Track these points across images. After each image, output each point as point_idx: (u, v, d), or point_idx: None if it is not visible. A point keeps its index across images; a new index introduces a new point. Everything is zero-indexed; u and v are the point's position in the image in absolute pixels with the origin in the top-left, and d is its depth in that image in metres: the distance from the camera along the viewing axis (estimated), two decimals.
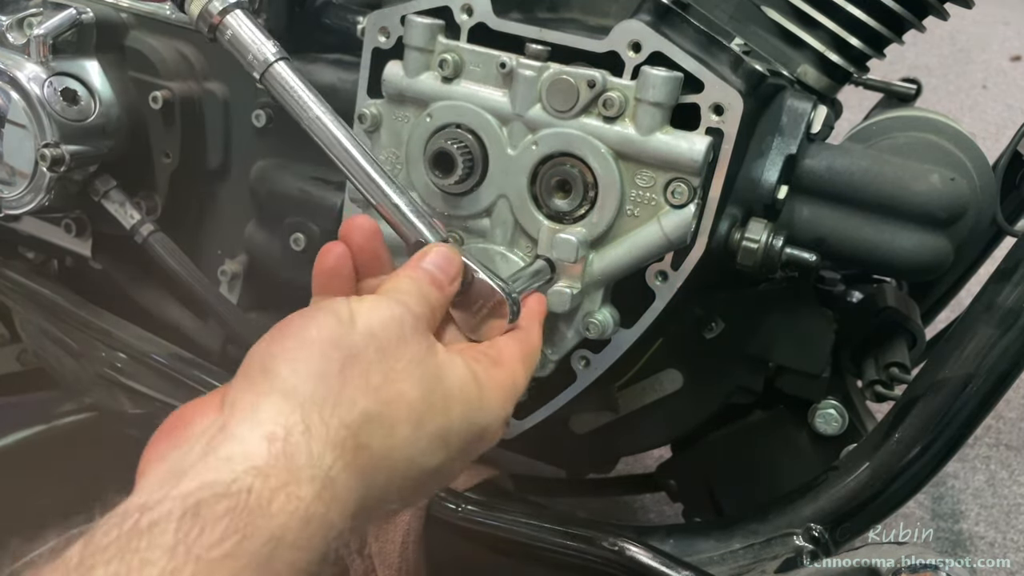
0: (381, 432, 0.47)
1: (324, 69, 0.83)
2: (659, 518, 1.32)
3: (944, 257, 0.73)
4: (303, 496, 0.41)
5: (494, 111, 0.66)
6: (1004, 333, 0.69)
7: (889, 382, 0.84)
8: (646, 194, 0.64)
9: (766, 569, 0.73)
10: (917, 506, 1.42)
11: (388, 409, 0.47)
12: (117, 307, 0.99)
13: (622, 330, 0.69)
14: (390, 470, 0.47)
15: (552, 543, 0.76)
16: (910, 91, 1.01)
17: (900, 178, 0.73)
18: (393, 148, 0.71)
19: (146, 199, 0.93)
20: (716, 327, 0.81)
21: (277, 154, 0.89)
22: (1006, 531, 1.40)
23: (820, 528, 0.74)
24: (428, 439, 0.49)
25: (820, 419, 0.84)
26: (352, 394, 0.46)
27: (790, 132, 0.71)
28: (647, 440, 0.93)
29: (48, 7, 0.90)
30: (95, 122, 0.89)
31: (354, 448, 0.45)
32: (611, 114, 0.63)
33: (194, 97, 0.90)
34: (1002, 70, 3.12)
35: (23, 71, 0.86)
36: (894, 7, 0.75)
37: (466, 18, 0.68)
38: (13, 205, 0.90)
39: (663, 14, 0.64)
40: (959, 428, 0.71)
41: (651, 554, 0.73)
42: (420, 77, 0.68)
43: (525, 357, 0.58)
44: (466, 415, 0.52)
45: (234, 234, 0.92)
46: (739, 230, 0.69)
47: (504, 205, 0.67)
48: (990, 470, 1.53)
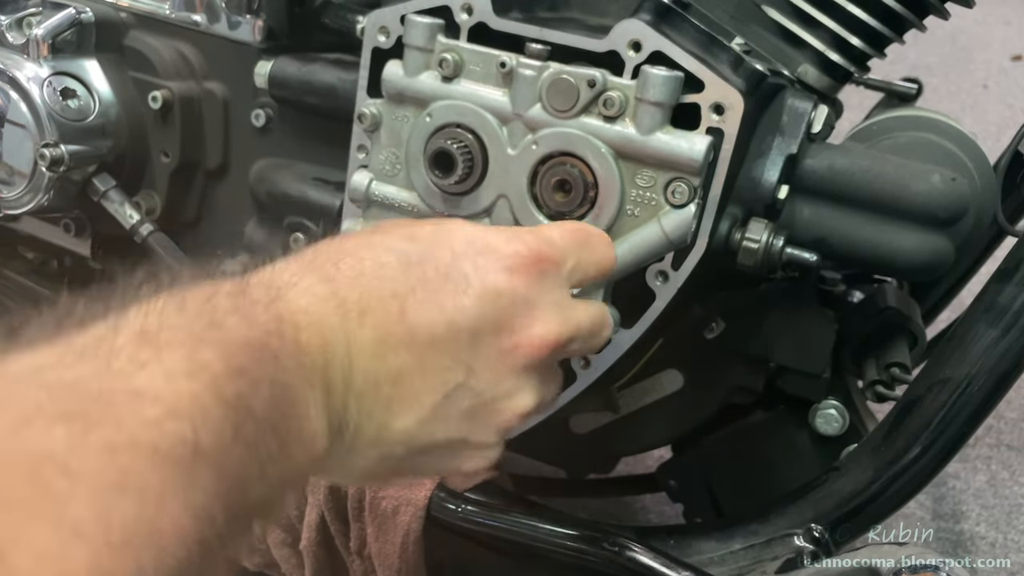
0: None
1: (324, 69, 0.83)
2: (659, 518, 1.32)
3: (945, 257, 0.73)
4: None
5: (494, 111, 0.66)
6: (1005, 333, 0.69)
7: (890, 382, 0.84)
8: (646, 194, 0.64)
9: (766, 569, 0.73)
10: (918, 506, 1.42)
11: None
12: None
13: (622, 330, 0.69)
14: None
15: (552, 543, 0.76)
16: (911, 91, 1.01)
17: (901, 178, 0.72)
18: (393, 148, 0.71)
19: (145, 199, 0.93)
20: (716, 327, 0.81)
21: (277, 154, 0.89)
22: (1007, 531, 1.40)
23: (820, 528, 0.74)
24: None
25: (821, 419, 0.84)
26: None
27: (791, 132, 0.71)
28: (647, 440, 0.93)
29: (47, 7, 0.90)
30: (94, 122, 0.89)
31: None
32: (611, 114, 0.63)
33: (193, 97, 0.90)
34: (1003, 70, 3.12)
35: (22, 71, 0.86)
36: (895, 6, 0.74)
37: (466, 17, 0.68)
38: (12, 205, 0.90)
39: (663, 13, 0.64)
40: (960, 428, 0.71)
41: (651, 554, 0.73)
42: (420, 77, 0.68)
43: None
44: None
45: (234, 234, 0.92)
46: (739, 230, 0.68)
47: (504, 205, 0.67)
48: (991, 470, 1.52)
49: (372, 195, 0.71)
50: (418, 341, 0.47)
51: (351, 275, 0.46)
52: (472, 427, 0.50)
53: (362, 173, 0.72)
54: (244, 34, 0.87)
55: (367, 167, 0.72)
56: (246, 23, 0.86)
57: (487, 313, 0.49)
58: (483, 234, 0.52)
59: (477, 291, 0.49)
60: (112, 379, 0.33)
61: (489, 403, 0.50)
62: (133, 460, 0.30)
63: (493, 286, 0.49)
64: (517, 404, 0.52)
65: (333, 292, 0.45)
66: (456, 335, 0.48)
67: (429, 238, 0.50)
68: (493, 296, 0.49)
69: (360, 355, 0.45)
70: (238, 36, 0.87)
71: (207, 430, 0.34)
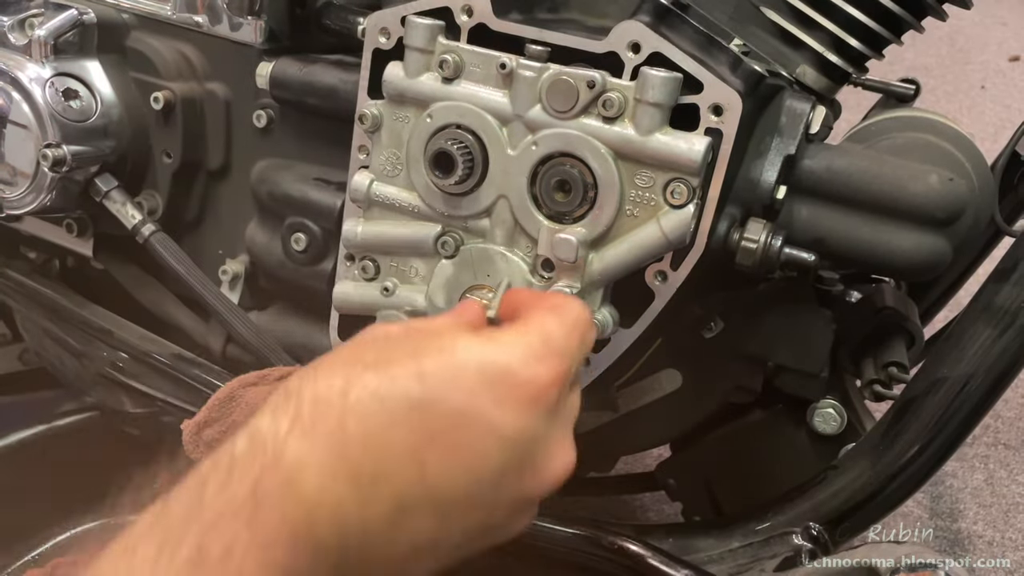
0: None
1: (325, 70, 0.83)
2: (659, 517, 1.32)
3: (942, 257, 0.74)
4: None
5: (494, 111, 0.66)
6: (1002, 333, 0.69)
7: (888, 381, 0.85)
8: (645, 194, 0.64)
9: (765, 568, 0.74)
10: (916, 505, 1.42)
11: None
12: (118, 307, 1.00)
13: (622, 330, 0.69)
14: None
15: (551, 542, 0.76)
16: (909, 91, 1.02)
17: (898, 178, 0.73)
18: (393, 148, 0.71)
19: (147, 199, 0.94)
20: (715, 327, 0.81)
21: (278, 154, 0.89)
22: (1004, 530, 1.40)
23: (819, 527, 0.75)
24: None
25: (819, 418, 0.85)
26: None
27: (789, 132, 0.71)
28: (646, 439, 0.93)
29: (49, 8, 0.90)
30: (96, 122, 0.90)
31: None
32: (611, 114, 0.63)
33: (195, 97, 0.91)
34: (1000, 70, 3.12)
35: (25, 72, 0.87)
36: (893, 8, 0.75)
37: (466, 19, 0.68)
38: (15, 205, 0.91)
39: (662, 15, 0.65)
40: (957, 427, 0.71)
41: (650, 553, 0.73)
42: (420, 78, 0.68)
43: (551, 308, 0.52)
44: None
45: (235, 234, 0.93)
46: (738, 230, 0.69)
47: (504, 205, 0.68)
48: (988, 469, 1.53)
49: (373, 195, 0.72)
50: (441, 502, 0.44)
51: (360, 436, 0.43)
52: (482, 547, 0.49)
53: (363, 174, 0.72)
54: (245, 35, 0.87)
55: (368, 168, 0.72)
56: (247, 24, 0.87)
57: (512, 459, 0.46)
58: (494, 357, 0.47)
59: (499, 437, 0.45)
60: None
61: (502, 528, 0.50)
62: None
63: (515, 427, 0.46)
64: (526, 520, 0.51)
65: (343, 462, 0.42)
66: (479, 486, 0.45)
67: (438, 376, 0.45)
68: (515, 439, 0.46)
69: (376, 527, 0.43)
70: (240, 37, 0.88)
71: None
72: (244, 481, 0.41)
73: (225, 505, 0.40)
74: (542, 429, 0.47)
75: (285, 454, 0.42)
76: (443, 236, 0.70)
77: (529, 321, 0.50)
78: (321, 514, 0.41)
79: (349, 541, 0.42)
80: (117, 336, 0.95)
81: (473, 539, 0.48)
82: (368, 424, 0.43)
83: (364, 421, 0.43)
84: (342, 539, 0.42)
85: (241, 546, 0.39)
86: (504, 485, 0.46)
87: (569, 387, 0.51)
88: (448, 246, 0.70)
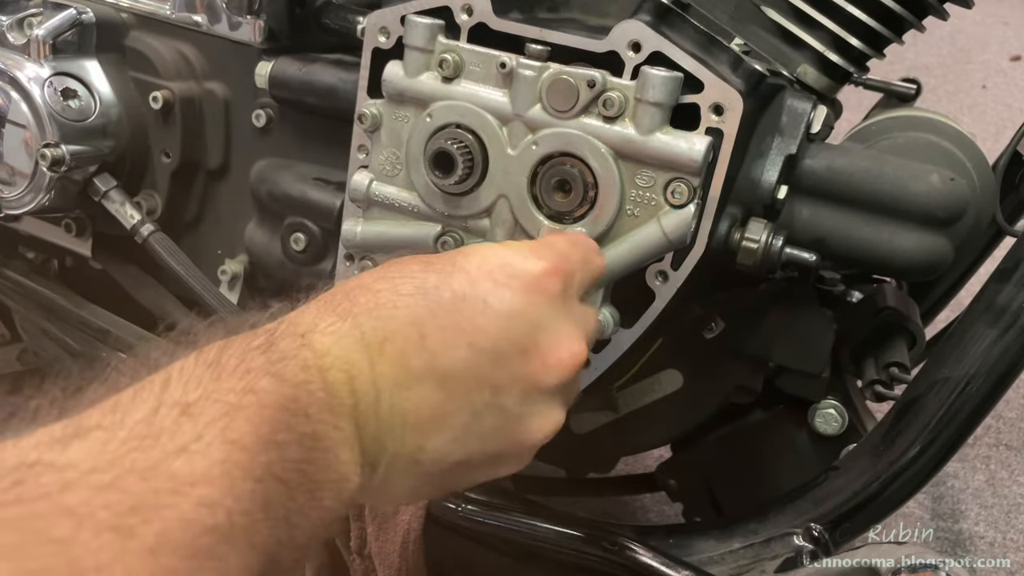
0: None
1: (324, 69, 0.83)
2: (659, 518, 1.32)
3: (944, 257, 0.74)
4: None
5: (494, 111, 0.66)
6: (1004, 333, 0.69)
7: (889, 382, 0.85)
8: (646, 194, 0.64)
9: (766, 569, 0.73)
10: (917, 506, 1.42)
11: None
12: (117, 307, 0.99)
13: (622, 330, 0.69)
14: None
15: (552, 543, 0.76)
16: (910, 91, 1.01)
17: (900, 178, 0.73)
18: (393, 148, 0.71)
19: (146, 199, 0.93)
20: (716, 327, 0.81)
21: (277, 154, 0.89)
22: (1006, 531, 1.40)
23: (820, 528, 0.74)
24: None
25: (820, 419, 0.84)
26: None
27: (790, 132, 0.71)
28: (647, 440, 0.93)
29: (48, 7, 0.90)
30: (95, 122, 0.90)
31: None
32: (611, 114, 0.63)
33: (194, 97, 0.90)
34: (1002, 70, 3.12)
35: (23, 71, 0.87)
36: (894, 7, 0.75)
37: (466, 18, 0.68)
38: (13, 205, 0.90)
39: (663, 14, 0.65)
40: (959, 428, 0.71)
41: (651, 554, 0.73)
42: (420, 77, 0.68)
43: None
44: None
45: (234, 234, 0.92)
46: (739, 230, 0.69)
47: (504, 205, 0.68)
48: (990, 470, 1.53)
49: (372, 195, 0.71)
50: (440, 367, 0.47)
51: (368, 307, 0.47)
52: (504, 442, 0.51)
53: (362, 173, 0.72)
54: (245, 35, 0.87)
55: (367, 167, 0.72)
56: (247, 24, 0.86)
57: (509, 335, 0.49)
58: (498, 252, 0.52)
59: (496, 312, 0.49)
60: (155, 475, 0.34)
61: (518, 419, 0.51)
62: (171, 558, 0.33)
63: (512, 307, 0.49)
64: (547, 422, 0.53)
65: (353, 327, 0.46)
66: (478, 357, 0.48)
67: (444, 263, 0.51)
68: (513, 317, 0.49)
69: (386, 386, 0.46)
70: (239, 37, 0.88)
71: (239, 511, 0.36)
72: (261, 335, 0.44)
73: (244, 342, 0.43)
74: (542, 316, 0.51)
75: (300, 321, 0.46)
76: (443, 236, 0.70)
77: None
78: (329, 361, 0.44)
79: (360, 399, 0.45)
80: (116, 336, 0.95)
81: (487, 432, 0.50)
82: (375, 299, 0.48)
83: (372, 297, 0.48)
84: (353, 395, 0.44)
85: (257, 364, 0.41)
86: (505, 363, 0.49)
87: (577, 290, 0.55)
88: (448, 246, 0.70)
